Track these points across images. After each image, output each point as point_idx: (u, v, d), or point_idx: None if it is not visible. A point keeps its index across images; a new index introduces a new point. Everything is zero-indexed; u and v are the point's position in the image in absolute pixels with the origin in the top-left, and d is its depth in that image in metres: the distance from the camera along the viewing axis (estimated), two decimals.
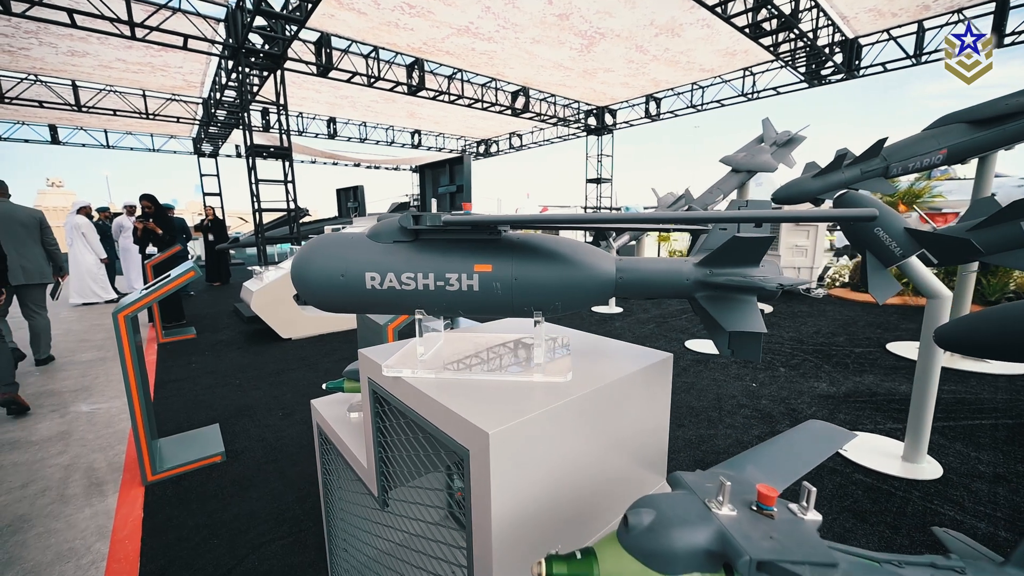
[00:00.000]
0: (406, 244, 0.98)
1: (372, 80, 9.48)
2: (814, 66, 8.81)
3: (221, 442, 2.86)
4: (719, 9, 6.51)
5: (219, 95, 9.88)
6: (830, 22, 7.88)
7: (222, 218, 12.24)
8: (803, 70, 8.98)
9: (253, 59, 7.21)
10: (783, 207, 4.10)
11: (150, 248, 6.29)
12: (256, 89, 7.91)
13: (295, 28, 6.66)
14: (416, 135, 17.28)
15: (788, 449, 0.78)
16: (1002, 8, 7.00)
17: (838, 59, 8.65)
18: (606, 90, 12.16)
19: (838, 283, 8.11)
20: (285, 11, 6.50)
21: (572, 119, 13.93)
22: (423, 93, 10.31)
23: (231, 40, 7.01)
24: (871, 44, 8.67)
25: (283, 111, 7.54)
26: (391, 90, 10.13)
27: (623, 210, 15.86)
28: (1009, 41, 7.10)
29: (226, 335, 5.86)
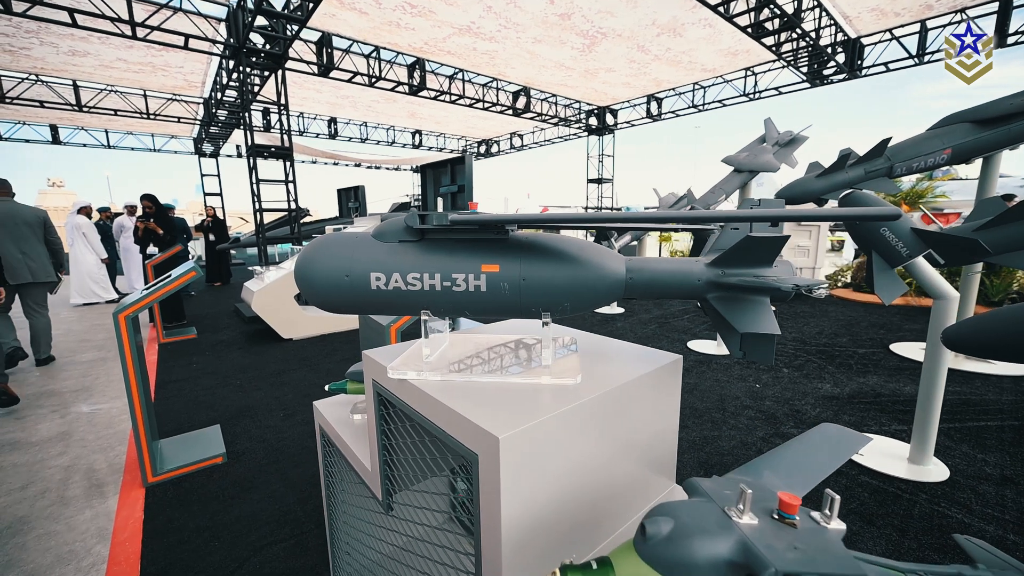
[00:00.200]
0: (412, 244, 0.97)
1: (373, 80, 9.46)
2: (816, 66, 8.78)
3: (222, 443, 2.84)
4: (721, 9, 6.49)
5: (220, 95, 9.87)
6: (832, 22, 7.85)
7: (223, 218, 12.23)
8: (805, 70, 8.96)
9: (254, 59, 7.19)
10: (800, 206, 4.07)
11: (151, 248, 6.28)
12: (257, 89, 7.90)
13: (296, 28, 6.65)
14: (417, 135, 17.26)
15: (804, 454, 0.76)
16: (1005, 8, 6.97)
17: (840, 59, 8.62)
18: (607, 90, 12.14)
19: (840, 283, 8.09)
20: (286, 11, 6.49)
21: (573, 119, 13.91)
22: (424, 93, 10.30)
23: (232, 40, 7.00)
24: (873, 44, 8.64)
25: (284, 111, 7.52)
26: (392, 90, 10.12)
27: (624, 210, 15.82)
28: (1012, 41, 7.08)
29: (227, 335, 5.85)
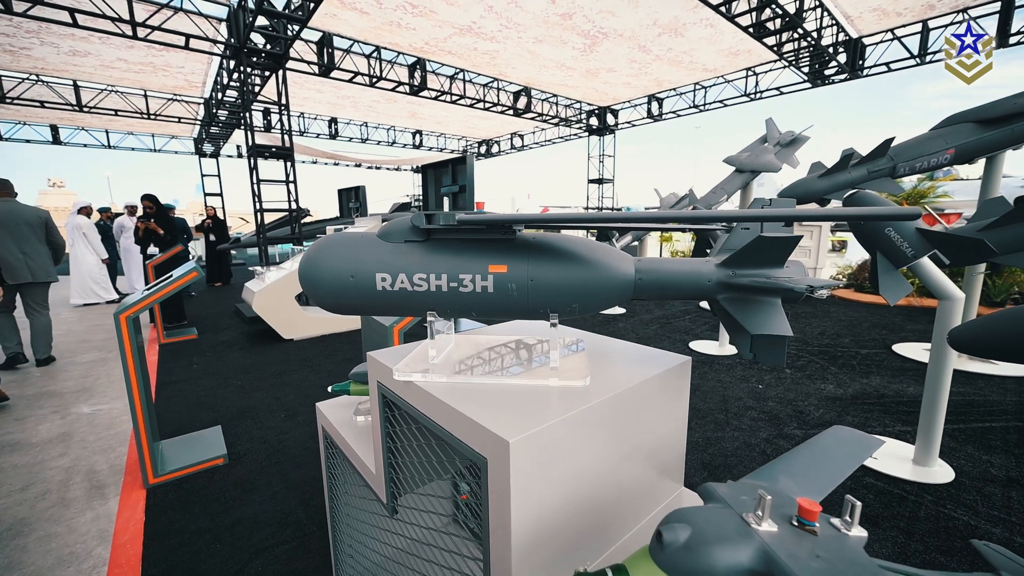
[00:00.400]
0: (418, 244, 0.95)
1: (374, 80, 9.45)
2: (817, 66, 8.77)
3: (223, 444, 2.83)
4: (723, 8, 6.48)
5: (220, 95, 9.86)
6: (834, 21, 7.84)
7: (223, 218, 12.23)
8: (806, 70, 8.94)
9: (255, 59, 7.18)
10: (809, 207, 4.05)
11: (151, 248, 6.27)
12: (258, 89, 7.89)
13: (297, 28, 6.64)
14: (417, 135, 17.25)
15: (818, 457, 0.75)
16: (1007, 8, 6.96)
17: (842, 59, 8.61)
18: (608, 90, 12.13)
19: (842, 283, 8.07)
20: (287, 10, 6.48)
21: (574, 119, 13.90)
22: (425, 93, 10.28)
23: (233, 40, 6.99)
24: (875, 44, 8.63)
25: (285, 111, 7.51)
26: (393, 90, 10.11)
27: (624, 210, 15.80)
28: (1014, 41, 7.06)
29: (227, 336, 5.84)
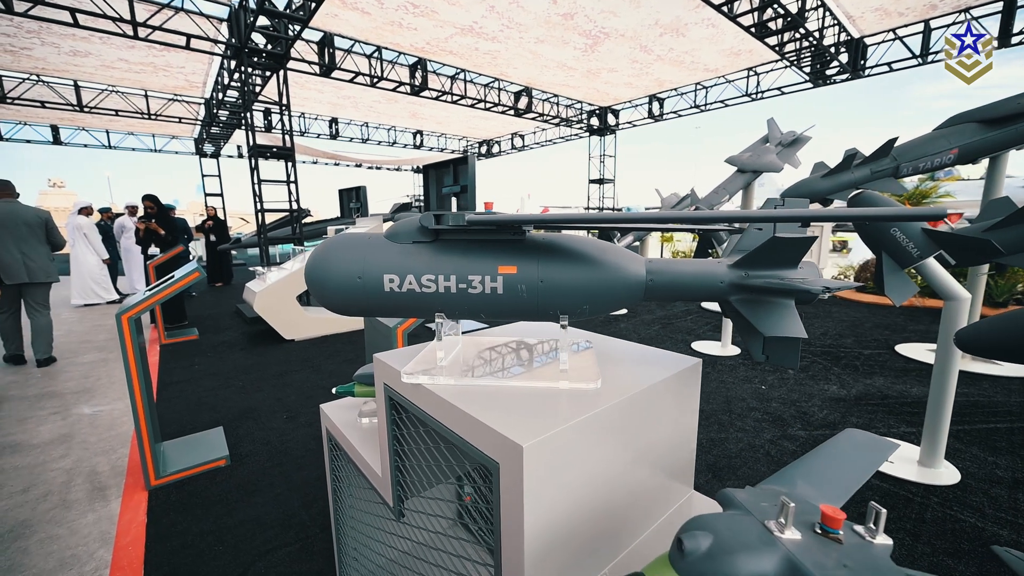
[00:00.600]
0: (426, 245, 0.94)
1: (375, 80, 9.44)
2: (819, 66, 8.76)
3: (225, 445, 2.81)
4: (725, 8, 6.47)
5: (221, 95, 9.85)
6: (836, 21, 7.83)
7: (223, 218, 12.22)
8: (808, 70, 8.93)
9: (256, 59, 7.18)
10: (828, 207, 4.04)
11: (152, 249, 6.26)
12: (259, 89, 7.88)
13: (298, 28, 6.63)
14: (418, 135, 17.24)
15: (835, 462, 0.74)
16: (1009, 8, 6.95)
17: (843, 59, 8.60)
18: (609, 90, 12.12)
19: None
20: (288, 10, 6.48)
21: (575, 119, 13.89)
22: (426, 93, 10.28)
23: (234, 40, 6.98)
24: (876, 44, 8.61)
25: (286, 111, 7.50)
26: (394, 90, 10.10)
27: (625, 210, 15.78)
28: (1016, 41, 7.05)
29: (228, 336, 5.82)
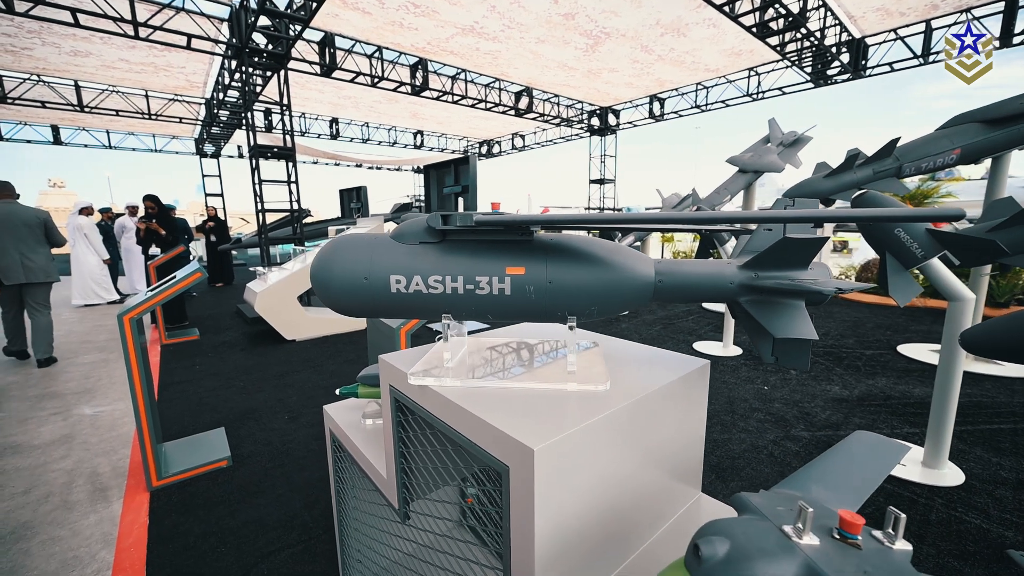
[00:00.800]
0: (433, 245, 0.94)
1: (376, 80, 9.44)
2: (820, 66, 8.75)
3: (227, 446, 2.81)
4: (727, 8, 6.46)
5: (222, 95, 9.84)
6: (837, 21, 7.82)
7: (224, 218, 12.21)
8: (809, 70, 8.92)
9: (256, 59, 7.17)
10: (843, 209, 4.03)
11: (153, 249, 6.25)
12: (259, 89, 7.87)
13: (299, 28, 6.62)
14: (419, 136, 17.24)
15: (848, 465, 0.73)
16: (1011, 8, 6.94)
17: (844, 59, 8.59)
18: (610, 90, 12.11)
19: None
20: (289, 10, 6.47)
21: (575, 119, 13.88)
22: (427, 93, 10.27)
23: (235, 40, 6.97)
24: (878, 44, 8.60)
25: (286, 111, 7.49)
26: (394, 90, 10.09)
27: (625, 211, 15.77)
28: (1018, 41, 7.04)
29: (229, 336, 5.81)
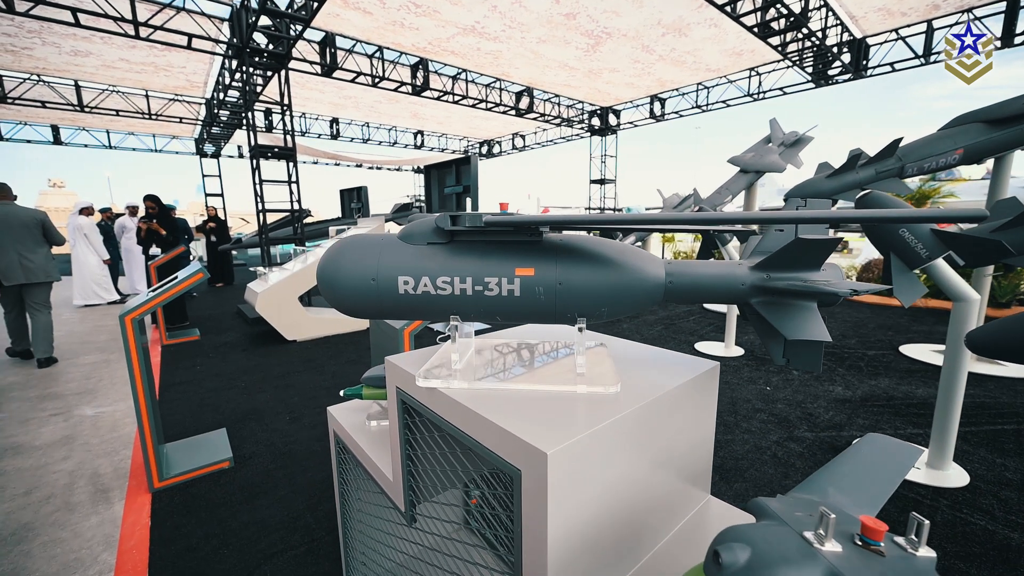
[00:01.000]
0: (441, 246, 0.93)
1: (376, 80, 9.43)
2: (821, 66, 8.74)
3: (229, 447, 2.80)
4: (728, 8, 6.45)
5: (222, 95, 9.83)
6: (838, 21, 7.81)
7: (224, 219, 12.20)
8: (810, 70, 8.92)
9: (257, 59, 7.16)
10: (858, 210, 4.03)
11: (154, 249, 6.24)
12: (260, 89, 7.86)
13: (300, 27, 6.62)
14: (419, 136, 17.23)
15: (863, 469, 0.72)
16: (1012, 8, 6.94)
17: (846, 59, 8.58)
18: (611, 90, 12.10)
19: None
20: (290, 10, 6.46)
21: (576, 119, 13.87)
22: (427, 93, 10.26)
23: (235, 39, 6.96)
24: (879, 44, 8.60)
25: (287, 111, 7.48)
26: (395, 90, 10.08)
27: (625, 211, 15.75)
28: (1019, 41, 7.03)
29: (230, 337, 5.80)
